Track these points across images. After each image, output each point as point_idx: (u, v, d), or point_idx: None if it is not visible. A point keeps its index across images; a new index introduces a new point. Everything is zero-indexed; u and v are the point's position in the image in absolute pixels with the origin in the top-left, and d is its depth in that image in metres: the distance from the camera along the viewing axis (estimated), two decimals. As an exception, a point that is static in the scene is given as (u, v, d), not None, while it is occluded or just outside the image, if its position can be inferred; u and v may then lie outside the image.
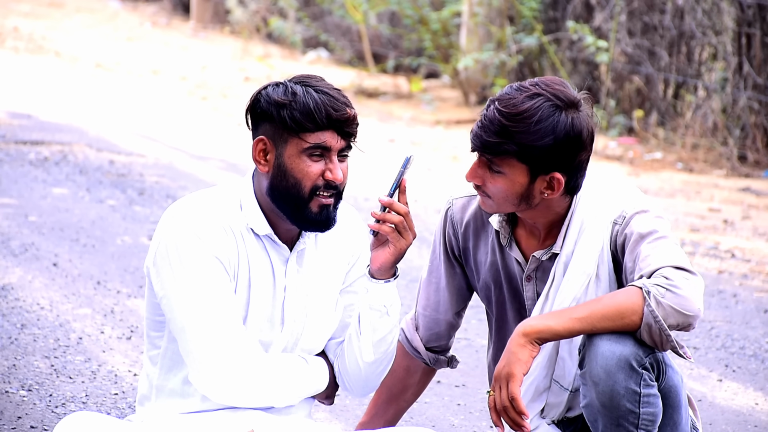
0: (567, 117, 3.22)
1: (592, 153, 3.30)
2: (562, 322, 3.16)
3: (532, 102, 3.22)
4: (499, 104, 3.25)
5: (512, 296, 3.45)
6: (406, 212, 3.20)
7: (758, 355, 5.71)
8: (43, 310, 5.61)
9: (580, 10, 12.32)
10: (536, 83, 3.27)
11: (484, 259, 3.47)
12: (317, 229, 3.18)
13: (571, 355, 3.34)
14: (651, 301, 3.12)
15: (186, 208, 3.16)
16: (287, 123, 3.12)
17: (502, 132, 3.22)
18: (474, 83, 13.32)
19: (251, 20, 16.71)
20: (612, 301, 3.16)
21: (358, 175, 9.24)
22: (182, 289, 3.10)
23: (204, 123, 11.66)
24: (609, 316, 3.15)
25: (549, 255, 3.36)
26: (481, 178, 3.30)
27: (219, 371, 3.11)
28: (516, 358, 3.16)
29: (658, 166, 10.68)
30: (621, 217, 3.30)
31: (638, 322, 3.14)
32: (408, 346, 3.62)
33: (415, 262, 7.06)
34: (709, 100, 11.02)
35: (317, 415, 4.61)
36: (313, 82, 3.16)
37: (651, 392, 3.18)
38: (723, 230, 8.42)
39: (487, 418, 4.74)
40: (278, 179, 3.15)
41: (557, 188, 3.27)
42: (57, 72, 13.77)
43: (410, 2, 13.25)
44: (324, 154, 3.15)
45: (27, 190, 8.04)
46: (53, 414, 4.39)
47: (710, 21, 11.12)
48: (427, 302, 3.59)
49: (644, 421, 3.18)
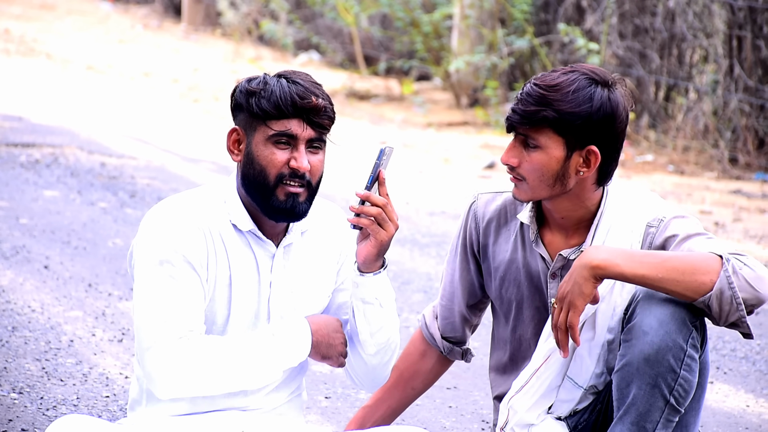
0: (603, 90, 3.26)
1: (626, 137, 3.32)
2: (632, 264, 3.13)
3: (569, 75, 3.27)
4: (535, 80, 3.29)
5: (532, 294, 3.43)
6: (385, 203, 3.19)
7: (749, 357, 5.71)
8: (34, 312, 5.60)
9: (572, 12, 12.34)
10: (570, 65, 3.32)
11: (504, 257, 3.47)
12: (285, 219, 3.18)
13: (590, 354, 3.33)
14: (729, 268, 3.11)
15: (162, 209, 3.17)
16: (254, 110, 3.14)
17: (539, 100, 3.24)
18: (465, 86, 13.33)
19: (243, 23, 16.71)
20: (688, 256, 3.14)
21: (349, 177, 9.24)
22: (141, 286, 3.11)
23: (196, 125, 11.65)
24: (682, 269, 3.12)
25: (577, 254, 3.35)
26: (517, 158, 3.29)
27: (160, 362, 3.07)
28: (579, 291, 3.15)
29: (649, 169, 10.70)
30: (657, 221, 3.30)
31: (709, 284, 3.11)
32: (426, 332, 3.64)
33: (407, 264, 7.06)
34: (700, 103, 11.04)
35: (309, 417, 4.61)
36: (291, 74, 3.18)
37: (694, 355, 3.17)
38: (714, 233, 8.43)
39: (479, 420, 4.75)
40: (247, 167, 3.16)
41: (593, 163, 3.28)
42: (48, 74, 13.76)
43: (401, 5, 13.25)
44: (290, 142, 3.15)
45: (18, 192, 8.03)
46: (44, 417, 4.39)
47: (701, 23, 11.14)
48: (444, 292, 3.61)
49: (679, 387, 3.17)
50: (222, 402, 3.21)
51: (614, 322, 3.31)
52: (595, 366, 3.32)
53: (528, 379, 3.36)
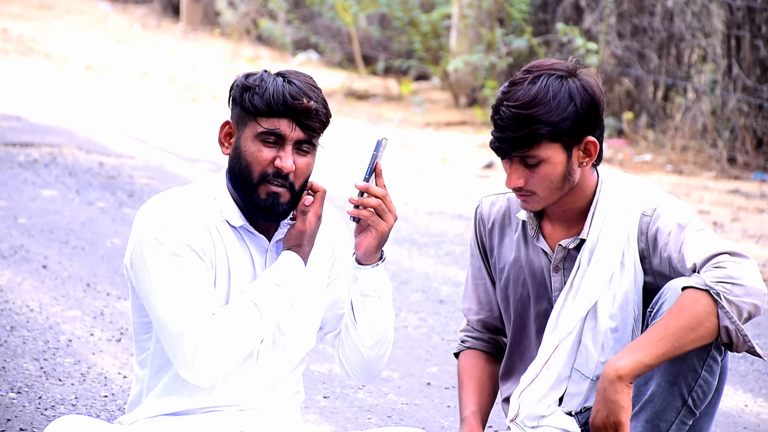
0: (574, 82, 3.26)
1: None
2: (649, 350, 3.11)
3: (538, 84, 3.25)
4: (508, 102, 3.25)
5: (536, 292, 3.43)
6: (384, 195, 3.21)
7: (747, 357, 5.71)
8: (32, 312, 5.60)
9: (570, 12, 12.34)
10: (527, 70, 3.30)
11: (508, 257, 3.47)
12: (265, 218, 3.18)
13: (594, 342, 3.33)
14: (723, 302, 3.10)
15: (156, 203, 3.19)
16: (246, 106, 3.15)
17: (525, 121, 3.23)
18: (464, 85, 13.33)
19: (241, 22, 16.71)
20: (681, 310, 3.13)
21: (343, 177, 9.24)
22: (157, 281, 3.10)
23: (194, 125, 11.65)
24: (687, 325, 3.11)
25: (576, 243, 3.36)
26: (522, 178, 3.29)
27: (197, 344, 3.09)
28: (619, 407, 3.11)
29: (647, 168, 10.70)
30: (651, 209, 3.31)
31: (715, 327, 3.10)
32: (471, 341, 3.57)
33: (405, 264, 7.06)
34: (699, 103, 11.04)
35: (307, 416, 4.61)
36: (290, 74, 3.18)
37: (716, 357, 3.17)
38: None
39: (477, 420, 4.74)
40: (234, 161, 3.18)
41: (594, 151, 3.29)
42: (47, 74, 13.75)
43: (400, 4, 13.25)
44: (278, 141, 3.15)
45: (16, 192, 8.02)
46: (42, 416, 4.39)
47: (699, 23, 11.14)
48: (480, 306, 3.56)
49: (698, 388, 3.18)
50: (220, 399, 3.21)
51: (615, 309, 3.31)
52: (599, 354, 3.32)
53: (538, 372, 3.37)
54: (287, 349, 3.27)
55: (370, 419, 4.68)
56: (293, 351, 3.28)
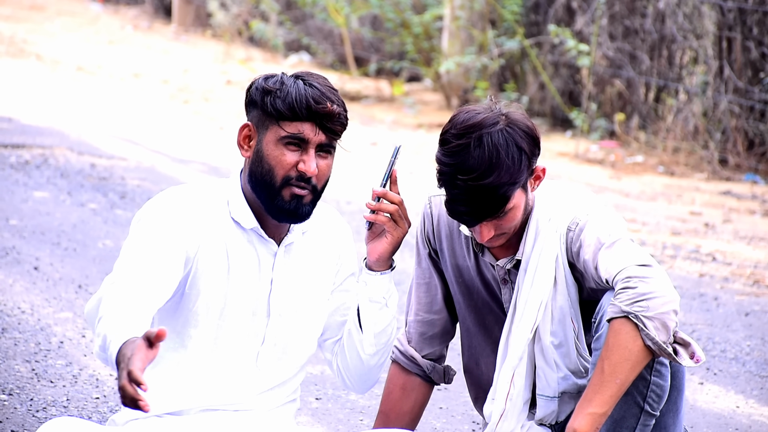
0: (505, 124, 3.23)
1: None
2: (598, 401, 3.13)
3: (481, 147, 3.21)
4: (463, 175, 3.21)
5: (491, 299, 3.46)
6: (400, 201, 3.29)
7: (739, 358, 5.72)
8: (24, 314, 5.60)
9: (562, 13, 12.35)
10: (462, 133, 3.22)
11: (457, 262, 3.48)
12: (288, 219, 3.19)
13: (547, 362, 3.34)
14: (640, 324, 3.12)
15: (171, 190, 3.20)
16: (268, 109, 3.15)
17: (489, 192, 3.21)
18: (456, 87, 13.33)
19: (233, 23, 16.70)
20: (609, 347, 3.14)
21: (340, 178, 9.24)
22: (128, 239, 3.11)
23: (186, 126, 11.64)
24: (619, 359, 3.13)
25: (514, 263, 3.37)
26: (493, 230, 3.29)
27: (85, 312, 3.15)
28: None
29: (639, 170, 10.71)
30: (574, 224, 3.32)
31: (643, 348, 3.12)
32: (403, 359, 3.57)
33: (398, 265, 7.05)
34: (690, 104, 11.06)
35: (300, 418, 4.61)
36: (308, 76, 3.18)
37: (663, 361, 3.20)
38: (704, 234, 8.44)
39: (469, 421, 4.75)
40: (256, 165, 3.17)
41: (543, 174, 3.31)
42: (38, 75, 13.73)
43: (392, 6, 13.25)
44: (301, 145, 3.16)
45: (8, 193, 8.01)
46: (34, 418, 4.38)
47: (691, 25, 11.15)
48: (419, 305, 3.56)
49: (652, 393, 3.21)
50: (214, 399, 3.21)
51: (555, 326, 3.33)
52: (556, 371, 3.34)
53: (503, 407, 3.38)
54: (287, 352, 3.27)
55: (362, 420, 4.68)
56: (293, 355, 3.28)
